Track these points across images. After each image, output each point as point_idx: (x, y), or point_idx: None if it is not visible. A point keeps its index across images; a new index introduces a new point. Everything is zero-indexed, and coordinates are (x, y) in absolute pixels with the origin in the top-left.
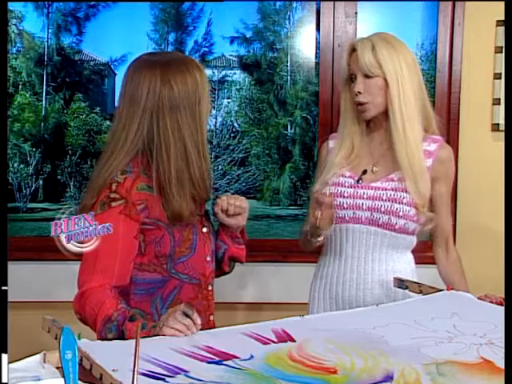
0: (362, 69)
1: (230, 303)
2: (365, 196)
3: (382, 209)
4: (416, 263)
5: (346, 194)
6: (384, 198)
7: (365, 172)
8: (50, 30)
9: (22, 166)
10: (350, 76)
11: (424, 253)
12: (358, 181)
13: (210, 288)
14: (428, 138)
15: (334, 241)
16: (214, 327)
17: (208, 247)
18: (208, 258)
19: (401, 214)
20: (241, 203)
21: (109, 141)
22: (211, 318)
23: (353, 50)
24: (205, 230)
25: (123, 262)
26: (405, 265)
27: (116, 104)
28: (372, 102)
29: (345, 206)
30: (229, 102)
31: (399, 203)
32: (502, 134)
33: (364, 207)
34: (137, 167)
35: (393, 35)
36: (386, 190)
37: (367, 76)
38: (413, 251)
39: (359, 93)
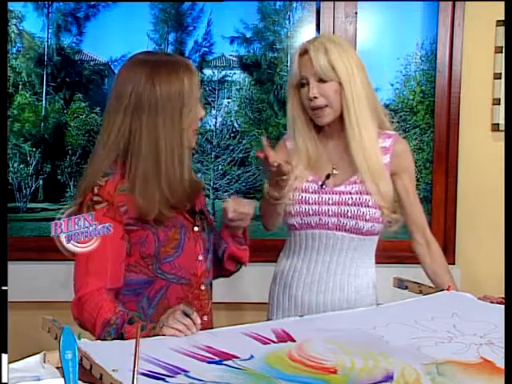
0: (318, 73)
1: (232, 303)
2: (330, 201)
3: (349, 214)
4: (413, 263)
5: (310, 201)
6: (350, 202)
7: (328, 176)
8: (50, 30)
9: (22, 165)
10: (301, 81)
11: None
12: (321, 185)
13: (202, 288)
14: (382, 135)
15: (299, 246)
16: (209, 327)
17: (199, 246)
18: (200, 258)
19: (368, 217)
20: (245, 209)
21: (98, 138)
22: (205, 318)
23: (303, 53)
24: (196, 228)
25: (114, 264)
26: (367, 269)
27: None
28: (330, 106)
29: (310, 212)
30: (229, 102)
31: (365, 206)
32: (502, 134)
33: (330, 213)
34: (120, 169)
35: (339, 36)
36: (350, 193)
37: (322, 80)
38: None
39: (315, 97)
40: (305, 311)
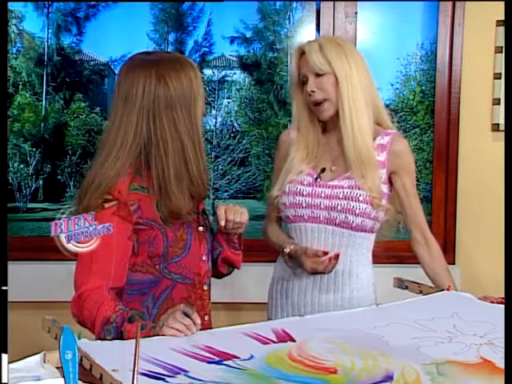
0: (312, 68)
1: (232, 303)
2: (322, 195)
3: (339, 207)
4: (414, 263)
5: (304, 193)
6: (340, 196)
7: (323, 170)
8: (50, 30)
9: (22, 165)
10: (302, 79)
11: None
12: (316, 179)
13: (205, 288)
14: (381, 133)
15: (294, 240)
16: (209, 327)
17: (204, 246)
18: (203, 258)
19: (357, 211)
20: (240, 219)
21: (105, 141)
22: (206, 318)
23: (302, 53)
24: (201, 228)
25: (118, 263)
26: (363, 268)
27: (110, 103)
28: (328, 100)
29: (303, 204)
30: (229, 102)
31: (355, 201)
32: (502, 134)
33: (322, 206)
34: (131, 168)
35: (339, 37)
36: (342, 188)
37: (318, 75)
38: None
39: (312, 91)
40: (301, 310)
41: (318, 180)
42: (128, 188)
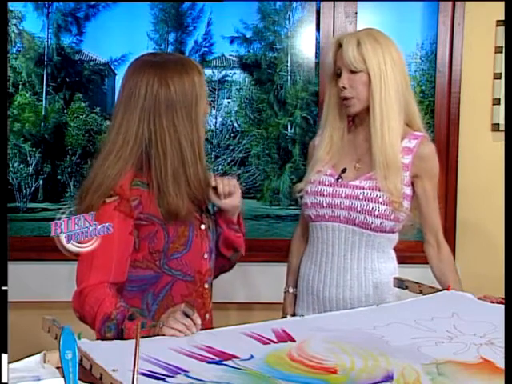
0: (347, 64)
1: (230, 303)
2: (343, 195)
3: (358, 208)
4: (414, 263)
5: (325, 193)
6: (360, 197)
7: (344, 170)
8: (50, 30)
9: (21, 165)
10: (337, 72)
11: (421, 252)
12: (337, 179)
13: (206, 286)
14: (410, 135)
15: (316, 239)
16: (210, 326)
17: (205, 244)
18: (205, 256)
19: (376, 213)
20: (229, 181)
21: (106, 140)
22: (206, 316)
23: (339, 45)
24: (203, 226)
25: (120, 258)
26: (385, 264)
27: (115, 103)
28: (357, 97)
29: (324, 204)
30: (229, 102)
31: (375, 202)
32: (502, 134)
33: (342, 206)
34: (132, 167)
35: (380, 31)
36: (363, 188)
37: (352, 71)
38: (395, 249)
39: (344, 88)
40: (326, 305)
41: (340, 180)
42: (130, 183)
